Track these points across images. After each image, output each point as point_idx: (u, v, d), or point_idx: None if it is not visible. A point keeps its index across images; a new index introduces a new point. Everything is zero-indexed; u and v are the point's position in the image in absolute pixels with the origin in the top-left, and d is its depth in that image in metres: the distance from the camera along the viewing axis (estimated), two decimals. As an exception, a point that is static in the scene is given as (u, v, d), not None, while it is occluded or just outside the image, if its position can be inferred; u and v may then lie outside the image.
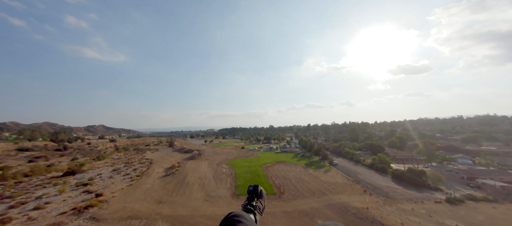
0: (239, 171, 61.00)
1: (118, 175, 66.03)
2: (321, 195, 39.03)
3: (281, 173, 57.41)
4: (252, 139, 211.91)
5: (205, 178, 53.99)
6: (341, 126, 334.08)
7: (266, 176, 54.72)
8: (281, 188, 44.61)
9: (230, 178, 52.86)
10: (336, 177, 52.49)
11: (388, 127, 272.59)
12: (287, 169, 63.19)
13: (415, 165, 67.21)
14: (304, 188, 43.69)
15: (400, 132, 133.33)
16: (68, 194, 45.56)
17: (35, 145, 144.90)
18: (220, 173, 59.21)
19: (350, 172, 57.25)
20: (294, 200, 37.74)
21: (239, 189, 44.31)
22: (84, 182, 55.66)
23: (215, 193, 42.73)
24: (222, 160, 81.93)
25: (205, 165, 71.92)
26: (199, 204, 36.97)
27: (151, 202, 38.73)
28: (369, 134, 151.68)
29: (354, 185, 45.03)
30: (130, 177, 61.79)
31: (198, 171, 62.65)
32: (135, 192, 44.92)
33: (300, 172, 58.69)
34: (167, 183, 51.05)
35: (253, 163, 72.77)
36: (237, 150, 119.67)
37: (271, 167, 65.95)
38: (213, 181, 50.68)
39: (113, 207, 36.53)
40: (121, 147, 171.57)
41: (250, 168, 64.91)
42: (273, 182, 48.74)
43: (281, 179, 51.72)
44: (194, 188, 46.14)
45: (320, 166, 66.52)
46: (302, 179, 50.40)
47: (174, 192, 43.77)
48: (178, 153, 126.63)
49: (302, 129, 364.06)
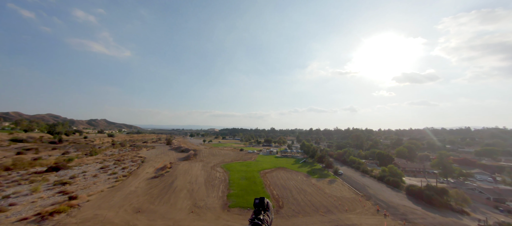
0: (234, 176, 55.44)
1: (105, 173, 61.09)
2: (327, 213, 33.24)
3: (281, 182, 51.70)
4: (253, 141, 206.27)
5: (195, 183, 48.57)
6: (344, 131, 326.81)
7: (264, 184, 49.09)
8: (280, 200, 38.93)
9: (223, 185, 47.33)
10: (343, 189, 46.57)
11: (393, 135, 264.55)
12: (288, 176, 57.44)
13: (428, 178, 60.83)
14: (306, 202, 37.92)
15: (408, 141, 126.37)
16: (40, 194, 40.53)
17: (31, 136, 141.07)
18: (213, 177, 53.74)
19: (358, 184, 51.26)
20: (294, 217, 32.04)
21: (231, 199, 38.75)
22: (64, 180, 50.69)
23: (203, 202, 37.24)
24: (218, 162, 76.50)
25: (199, 167, 66.54)
26: (182, 217, 31.51)
27: (129, 210, 33.40)
28: (374, 141, 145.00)
29: (364, 201, 39.10)
30: (115, 177, 56.73)
31: (190, 173, 57.27)
32: (114, 196, 39.69)
33: (301, 181, 52.89)
34: (152, 187, 45.77)
35: (251, 168, 67.16)
36: (235, 151, 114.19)
37: (270, 174, 60.28)
38: (204, 187, 45.22)
39: (83, 215, 31.30)
40: (117, 143, 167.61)
41: (247, 173, 59.31)
42: (271, 192, 43.09)
43: (280, 188, 46.05)
44: (181, 194, 40.73)
45: (324, 175, 60.58)
46: (304, 191, 44.63)
47: (157, 199, 38.42)
48: (174, 152, 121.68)
49: (304, 132, 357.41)
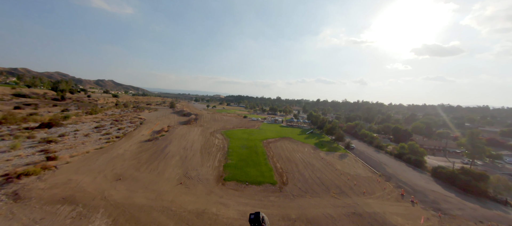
0: (234, 144, 50.32)
1: (98, 133, 57.38)
2: (340, 195, 27.71)
3: (285, 153, 46.28)
4: (257, 109, 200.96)
5: (190, 149, 43.74)
6: (353, 104, 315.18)
7: (266, 155, 43.79)
8: (283, 175, 33.60)
9: (220, 153, 42.31)
10: (356, 166, 40.80)
11: (405, 110, 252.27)
12: (293, 148, 51.95)
13: (449, 158, 54.20)
14: (315, 179, 32.46)
15: (424, 116, 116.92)
16: (18, 152, 36.69)
17: (34, 92, 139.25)
18: (211, 144, 48.80)
19: (373, 161, 45.32)
20: (300, 197, 26.72)
21: (228, 170, 33.66)
22: (52, 138, 46.89)
23: (196, 172, 32.36)
24: (218, 128, 71.64)
25: (197, 132, 61.79)
26: (168, 188, 26.72)
27: (109, 176, 28.88)
28: (386, 115, 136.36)
29: (383, 182, 33.29)
30: (108, 138, 52.86)
31: (186, 138, 52.54)
32: (98, 159, 35.36)
33: (309, 154, 47.33)
34: (142, 151, 41.28)
35: (253, 136, 61.94)
36: (238, 118, 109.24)
37: (274, 144, 54.92)
38: (199, 155, 40.32)
39: (55, 179, 26.96)
40: (121, 103, 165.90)
41: (248, 142, 54.11)
42: (274, 165, 37.78)
43: (284, 161, 40.68)
44: (172, 161, 35.96)
45: (333, 148, 54.77)
46: (312, 165, 39.09)
47: (144, 165, 33.80)
48: (176, 115, 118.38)
49: (311, 103, 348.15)
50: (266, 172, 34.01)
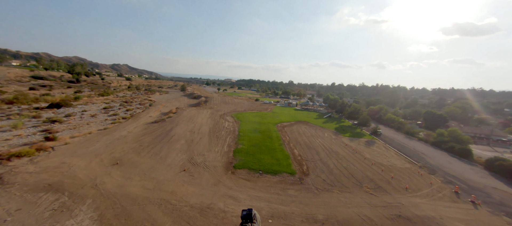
0: (246, 128, 45.78)
1: (105, 114, 55.49)
2: (376, 190, 22.44)
3: (303, 138, 41.04)
4: (269, 93, 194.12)
5: (198, 132, 39.84)
6: (371, 88, 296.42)
7: (282, 140, 38.86)
8: (303, 164, 28.68)
9: (230, 137, 37.99)
10: (388, 155, 34.79)
11: (429, 95, 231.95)
12: (311, 133, 46.46)
13: (493, 147, 46.05)
14: (341, 170, 27.25)
15: (458, 101, 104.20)
16: (19, 132, 34.87)
17: (51, 75, 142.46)
18: (220, 127, 44.62)
19: (407, 149, 38.86)
20: (326, 191, 21.84)
21: (239, 156, 29.32)
22: (57, 118, 45.19)
23: (202, 158, 28.38)
24: (228, 110, 67.34)
25: (206, 114, 57.89)
26: (169, 176, 22.96)
27: (105, 160, 25.68)
28: (412, 99, 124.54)
29: (426, 175, 27.34)
30: (114, 119, 50.64)
31: (194, 121, 48.78)
32: (99, 141, 32.51)
33: (330, 140, 41.72)
34: (147, 133, 38.04)
35: (266, 119, 56.97)
36: (250, 101, 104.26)
37: (289, 128, 49.69)
38: (207, 139, 36.29)
39: (47, 162, 24.16)
40: (133, 86, 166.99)
41: (261, 125, 49.31)
42: (291, 151, 32.87)
43: (303, 147, 35.57)
44: (177, 145, 32.25)
45: (357, 134, 48.54)
46: (336, 153, 33.69)
47: (147, 148, 30.38)
48: (186, 98, 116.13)
49: (325, 87, 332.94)
50: (283, 159, 29.26)
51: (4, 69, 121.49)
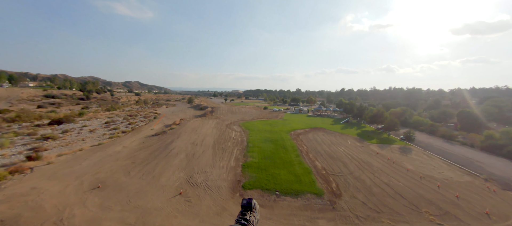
0: (256, 137, 40.30)
1: (105, 128, 52.25)
2: (444, 218, 15.99)
3: (323, 147, 34.86)
4: (277, 101, 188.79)
5: (201, 144, 34.80)
6: (383, 91, 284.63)
7: (298, 150, 32.95)
8: (331, 180, 22.56)
9: (238, 149, 32.59)
10: (434, 164, 27.89)
11: (449, 95, 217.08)
12: (331, 140, 40.17)
13: None
14: (383, 186, 20.91)
15: (491, 99, 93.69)
16: (4, 151, 31.37)
17: (63, 93, 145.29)
18: (227, 138, 39.41)
19: (454, 156, 31.64)
20: (372, 221, 15.67)
21: (248, 173, 23.73)
22: (52, 135, 41.94)
23: (204, 175, 23.06)
24: (235, 120, 62.34)
25: (212, 124, 53.13)
26: (160, 203, 17.72)
27: (86, 184, 20.96)
28: (433, 100, 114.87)
29: (499, 190, 20.39)
30: (113, 133, 47.06)
31: (198, 132, 43.99)
32: (87, 159, 28.16)
33: (355, 148, 35.26)
34: (144, 147, 33.49)
35: (277, 128, 51.31)
36: (258, 110, 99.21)
37: (304, 136, 43.67)
38: (210, 152, 31.09)
39: (15, 188, 19.75)
40: (142, 101, 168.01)
41: (272, 134, 43.67)
42: (312, 164, 26.87)
43: (325, 158, 29.45)
44: (175, 161, 27.23)
45: (385, 140, 41.66)
46: (368, 164, 27.29)
47: (139, 166, 25.54)
48: (193, 109, 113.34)
49: (334, 93, 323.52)
50: (304, 175, 23.34)
51: (18, 90, 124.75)
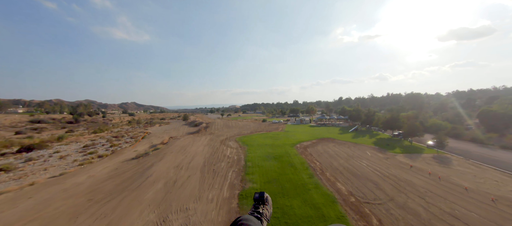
0: (255, 154, 33.42)
1: (81, 153, 45.11)
2: None
3: (340, 162, 28.08)
4: (276, 113, 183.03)
5: (187, 167, 27.80)
6: (381, 98, 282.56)
7: (310, 167, 26.13)
8: (367, 211, 15.64)
9: (234, 171, 25.62)
10: (492, 177, 21.25)
11: (450, 98, 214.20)
12: (346, 152, 33.45)
13: None
14: (449, 219, 14.09)
15: (501, 99, 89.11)
16: None
17: (52, 117, 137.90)
18: (220, 157, 32.45)
19: (508, 164, 25.11)
20: None
21: (247, 208, 16.77)
22: (6, 165, 34.60)
23: (184, 216, 16.00)
24: (232, 135, 55.51)
25: (204, 141, 46.23)
26: None
27: (2, 241, 13.77)
28: (440, 103, 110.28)
29: None
30: (87, 158, 39.94)
31: (187, 151, 36.99)
32: (32, 197, 20.99)
33: (379, 160, 28.54)
34: (115, 176, 26.37)
35: (280, 140, 44.57)
36: (256, 123, 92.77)
37: (313, 148, 36.91)
38: (198, 176, 24.08)
39: None
40: (134, 121, 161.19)
41: (275, 148, 36.86)
42: (333, 187, 19.99)
43: (348, 177, 22.63)
44: (149, 193, 20.15)
45: (410, 148, 35.09)
46: (408, 182, 20.51)
47: (97, 204, 18.41)
48: (187, 126, 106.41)
49: (332, 103, 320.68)
50: (326, 205, 16.45)
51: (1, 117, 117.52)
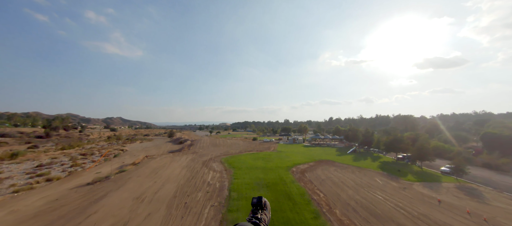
0: (243, 180, 27.11)
1: (30, 174, 36.66)
2: None
3: (350, 194, 22.47)
4: (267, 132, 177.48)
5: (152, 199, 20.96)
6: (369, 119, 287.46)
7: (313, 201, 20.27)
8: None
9: (213, 204, 19.16)
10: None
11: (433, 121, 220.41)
12: (352, 179, 28.01)
13: None
14: None
15: (492, 121, 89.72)
16: None
17: (21, 131, 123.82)
18: (198, 183, 25.80)
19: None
20: None
21: None
22: None
23: None
24: (217, 154, 48.74)
25: (184, 162, 39.20)
26: None
27: None
28: (432, 124, 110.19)
29: None
30: (31, 182, 31.73)
31: (158, 175, 29.93)
32: None
33: (394, 190, 23.27)
34: (47, 212, 19.00)
35: (272, 162, 38.55)
36: (246, 141, 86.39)
37: (312, 173, 31.19)
38: (163, 213, 17.38)
39: None
40: (114, 137, 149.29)
41: (267, 173, 30.77)
42: (347, 234, 14.20)
43: (365, 217, 16.99)
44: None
45: (423, 175, 30.34)
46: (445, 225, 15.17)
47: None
48: (171, 144, 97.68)
49: (323, 123, 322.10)
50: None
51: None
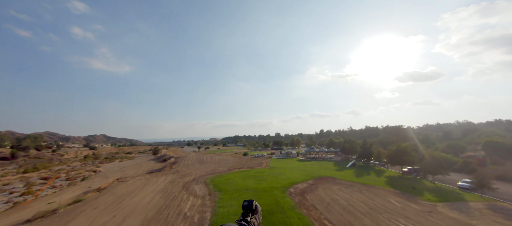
0: (229, 208, 21.37)
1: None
2: None
3: (366, 223, 17.59)
4: (258, 146, 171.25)
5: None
6: (359, 131, 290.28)
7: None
8: None
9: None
10: None
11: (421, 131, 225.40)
12: (364, 201, 23.22)
13: None
14: None
15: (482, 131, 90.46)
16: None
17: None
18: (172, 216, 19.77)
19: None
20: None
21: None
22: None
23: None
24: (203, 173, 42.39)
25: (161, 184, 32.68)
26: None
27: None
28: (424, 135, 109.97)
29: None
30: None
31: (124, 204, 23.47)
32: None
33: (420, 216, 18.67)
34: None
35: (266, 182, 33.03)
36: (236, 156, 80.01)
37: (313, 195, 26.07)
38: None
39: None
40: (91, 156, 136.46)
41: (259, 195, 25.27)
42: None
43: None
44: None
45: (438, 192, 26.26)
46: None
47: None
48: (154, 162, 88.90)
49: (314, 135, 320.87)
50: None
51: None
